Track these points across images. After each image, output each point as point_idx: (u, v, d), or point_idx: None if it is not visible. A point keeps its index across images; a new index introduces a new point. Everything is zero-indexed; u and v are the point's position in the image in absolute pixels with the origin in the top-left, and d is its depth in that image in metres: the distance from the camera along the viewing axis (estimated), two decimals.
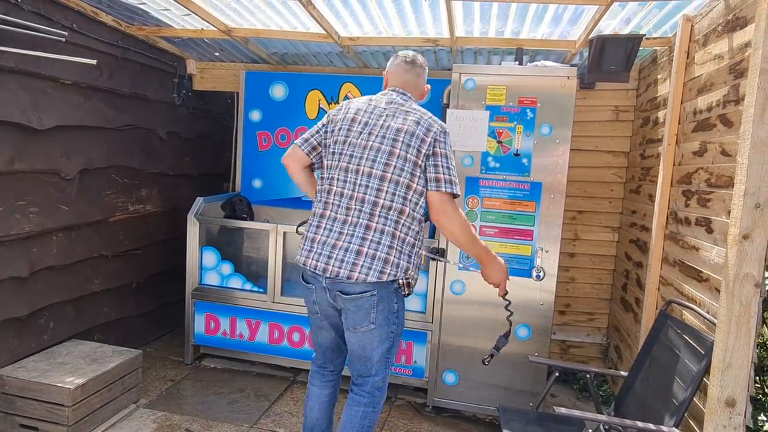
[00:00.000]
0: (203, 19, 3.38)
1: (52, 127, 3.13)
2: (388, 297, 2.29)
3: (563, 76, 3.12)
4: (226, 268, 3.87)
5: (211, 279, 3.90)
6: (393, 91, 2.42)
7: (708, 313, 2.27)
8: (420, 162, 2.24)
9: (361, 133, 2.30)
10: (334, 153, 2.34)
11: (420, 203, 2.29)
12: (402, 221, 2.25)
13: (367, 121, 2.32)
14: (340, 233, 2.26)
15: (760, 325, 1.95)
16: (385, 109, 2.34)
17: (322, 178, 2.40)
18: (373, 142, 2.27)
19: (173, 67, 4.31)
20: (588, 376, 2.76)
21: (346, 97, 4.09)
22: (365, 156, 2.27)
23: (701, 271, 2.42)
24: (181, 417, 3.23)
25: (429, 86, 2.57)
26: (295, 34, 3.66)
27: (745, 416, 1.92)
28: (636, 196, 3.67)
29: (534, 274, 3.20)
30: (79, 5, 3.25)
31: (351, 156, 2.29)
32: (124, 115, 3.78)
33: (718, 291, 1.98)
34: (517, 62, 3.36)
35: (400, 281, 2.30)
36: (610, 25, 3.22)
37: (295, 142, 2.44)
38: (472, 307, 3.34)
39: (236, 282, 3.86)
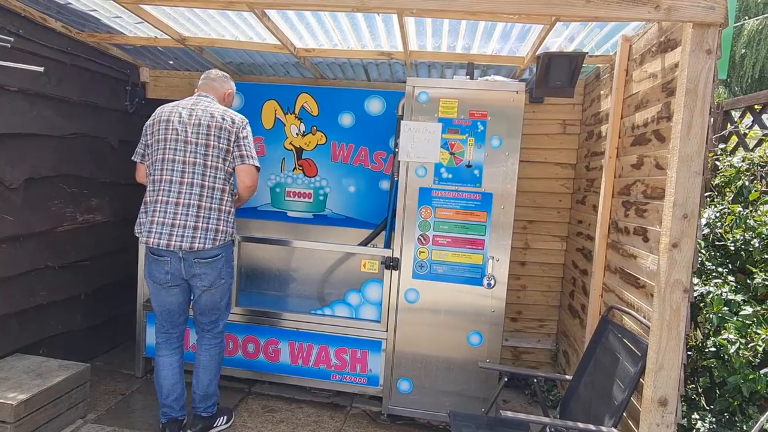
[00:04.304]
0: (156, 27, 3.36)
1: None
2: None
3: (512, 91, 3.24)
4: None
5: None
6: (199, 96, 2.99)
7: (644, 317, 2.39)
8: (230, 148, 2.86)
9: (178, 130, 2.81)
10: (165, 149, 2.81)
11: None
12: (225, 198, 2.88)
13: (180, 120, 2.84)
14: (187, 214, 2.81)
15: (689, 328, 2.07)
16: (192, 109, 2.87)
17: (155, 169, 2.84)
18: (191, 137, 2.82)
19: (126, 74, 4.24)
20: (535, 380, 2.86)
21: (302, 108, 4.11)
22: (188, 150, 2.81)
23: (639, 278, 2.55)
24: None
25: (231, 91, 3.16)
26: (250, 45, 3.67)
27: (676, 415, 2.04)
28: (582, 206, 3.82)
29: (485, 282, 3.28)
30: (27, 10, 3.18)
31: (175, 150, 2.81)
32: (73, 123, 3.69)
33: (653, 296, 2.09)
34: (468, 76, 3.46)
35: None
36: (555, 43, 3.37)
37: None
38: (426, 315, 3.40)
39: None
